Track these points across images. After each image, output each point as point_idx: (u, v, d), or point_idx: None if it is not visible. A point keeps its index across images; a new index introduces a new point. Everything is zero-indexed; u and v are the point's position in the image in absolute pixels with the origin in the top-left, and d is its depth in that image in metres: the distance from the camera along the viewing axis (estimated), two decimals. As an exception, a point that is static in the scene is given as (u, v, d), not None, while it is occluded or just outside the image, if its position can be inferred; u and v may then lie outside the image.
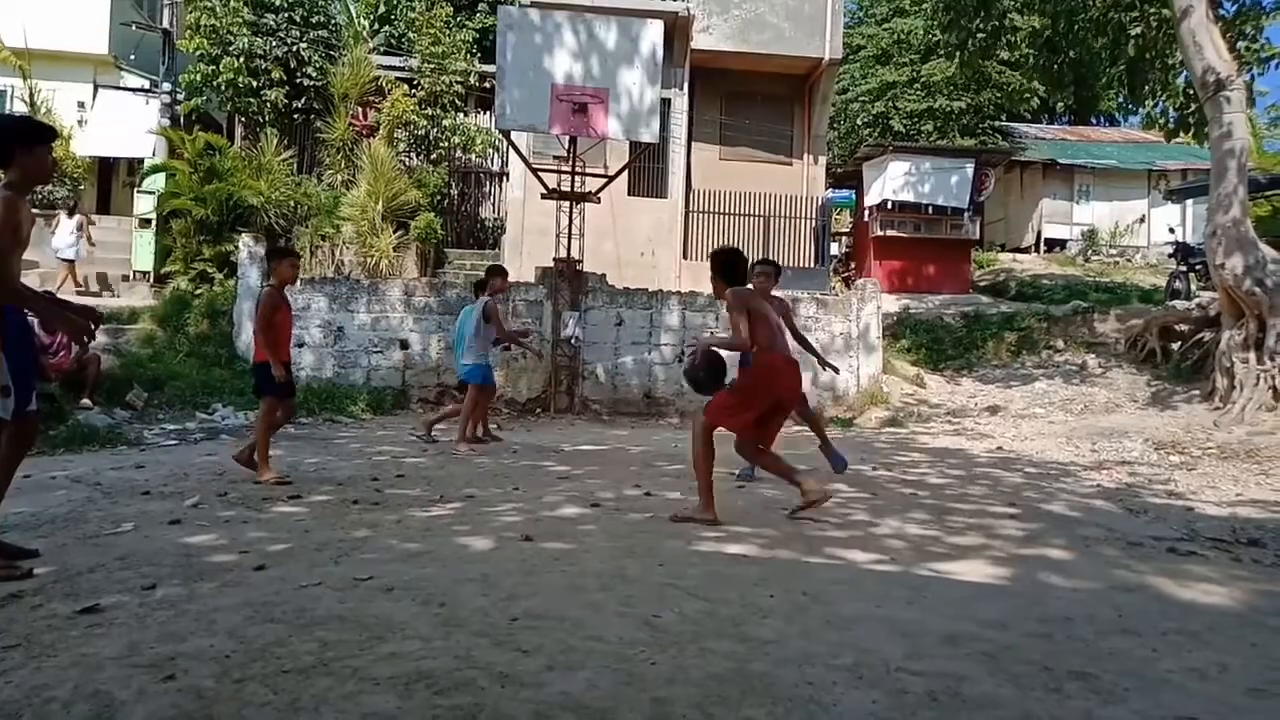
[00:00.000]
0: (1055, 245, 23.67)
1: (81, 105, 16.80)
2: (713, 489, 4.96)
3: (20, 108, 16.36)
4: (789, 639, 2.99)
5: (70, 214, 14.21)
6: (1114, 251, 23.14)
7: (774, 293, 6.66)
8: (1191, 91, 12.34)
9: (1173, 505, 6.09)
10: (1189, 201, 20.63)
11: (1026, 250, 23.65)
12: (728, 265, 5.08)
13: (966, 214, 17.79)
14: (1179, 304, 14.44)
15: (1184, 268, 16.02)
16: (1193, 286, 15.46)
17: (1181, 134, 13.83)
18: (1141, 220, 23.99)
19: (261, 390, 6.15)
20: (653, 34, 11.73)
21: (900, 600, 3.51)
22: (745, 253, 5.49)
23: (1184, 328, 12.84)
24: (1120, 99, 21.17)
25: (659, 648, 2.85)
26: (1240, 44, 12.47)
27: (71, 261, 14.11)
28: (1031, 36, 14.63)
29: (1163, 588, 3.88)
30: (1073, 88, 15.92)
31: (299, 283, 12.28)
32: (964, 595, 3.64)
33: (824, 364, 7.63)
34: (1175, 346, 12.83)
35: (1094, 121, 32.62)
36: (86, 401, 9.01)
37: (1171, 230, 19.89)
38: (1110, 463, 8.14)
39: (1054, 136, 27.33)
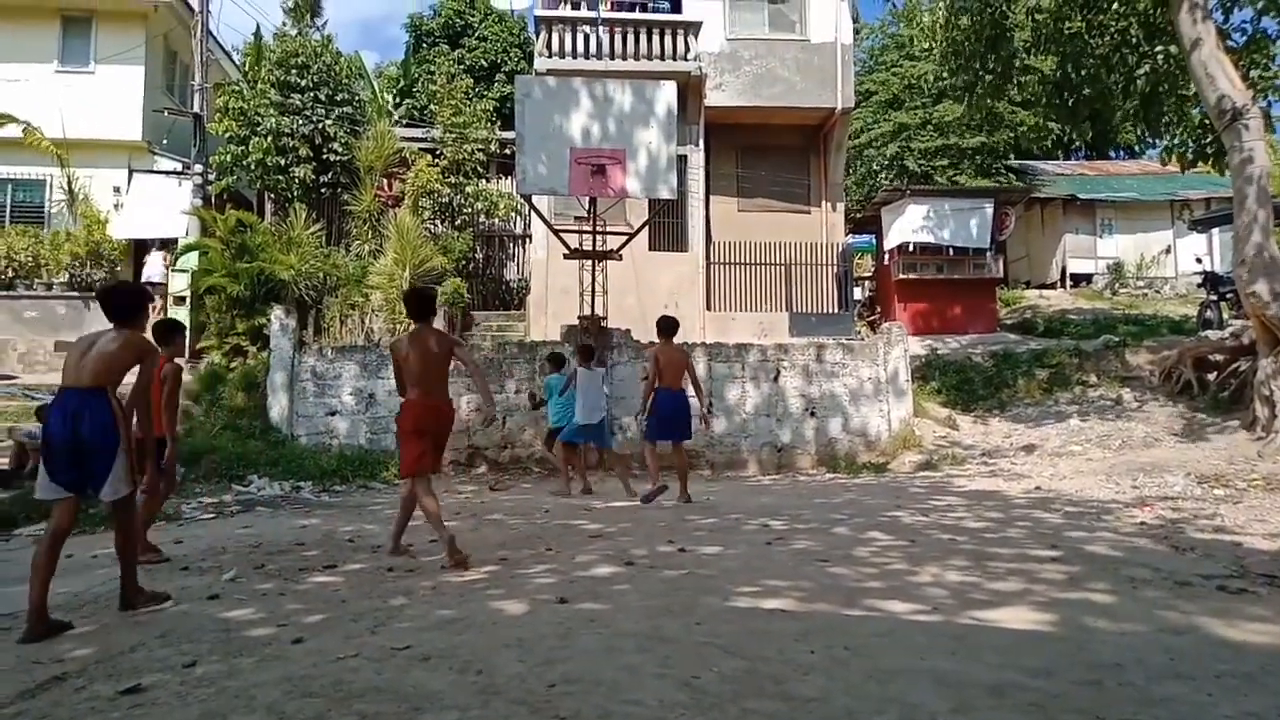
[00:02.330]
0: (1080, 280, 23.52)
1: (117, 190, 17.33)
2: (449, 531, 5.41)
3: (59, 195, 16.97)
4: (832, 695, 2.94)
5: (158, 249, 16.43)
6: (1141, 283, 22.94)
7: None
8: (1208, 122, 12.35)
9: (1220, 541, 5.94)
10: (1215, 230, 20.45)
11: (1052, 286, 23.50)
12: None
13: (989, 253, 17.74)
14: (1211, 333, 14.24)
15: (1214, 296, 15.84)
16: (1224, 315, 15.26)
17: (1200, 164, 13.80)
18: (1167, 251, 23.78)
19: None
20: (667, 95, 11.98)
21: (943, 651, 3.44)
22: (768, 300, 5.64)
23: (1219, 357, 12.65)
24: (1138, 132, 21.20)
25: (699, 710, 2.82)
26: (1253, 72, 12.49)
27: (160, 285, 15.97)
28: (1041, 78, 14.71)
29: (1214, 628, 3.78)
30: (1089, 123, 15.92)
31: (331, 351, 12.58)
32: (1008, 643, 3.56)
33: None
34: (1211, 377, 12.62)
35: (1113, 155, 32.60)
36: (126, 479, 9.16)
37: (1199, 260, 19.72)
38: (1152, 499, 7.97)
39: (1073, 172, 27.32)
